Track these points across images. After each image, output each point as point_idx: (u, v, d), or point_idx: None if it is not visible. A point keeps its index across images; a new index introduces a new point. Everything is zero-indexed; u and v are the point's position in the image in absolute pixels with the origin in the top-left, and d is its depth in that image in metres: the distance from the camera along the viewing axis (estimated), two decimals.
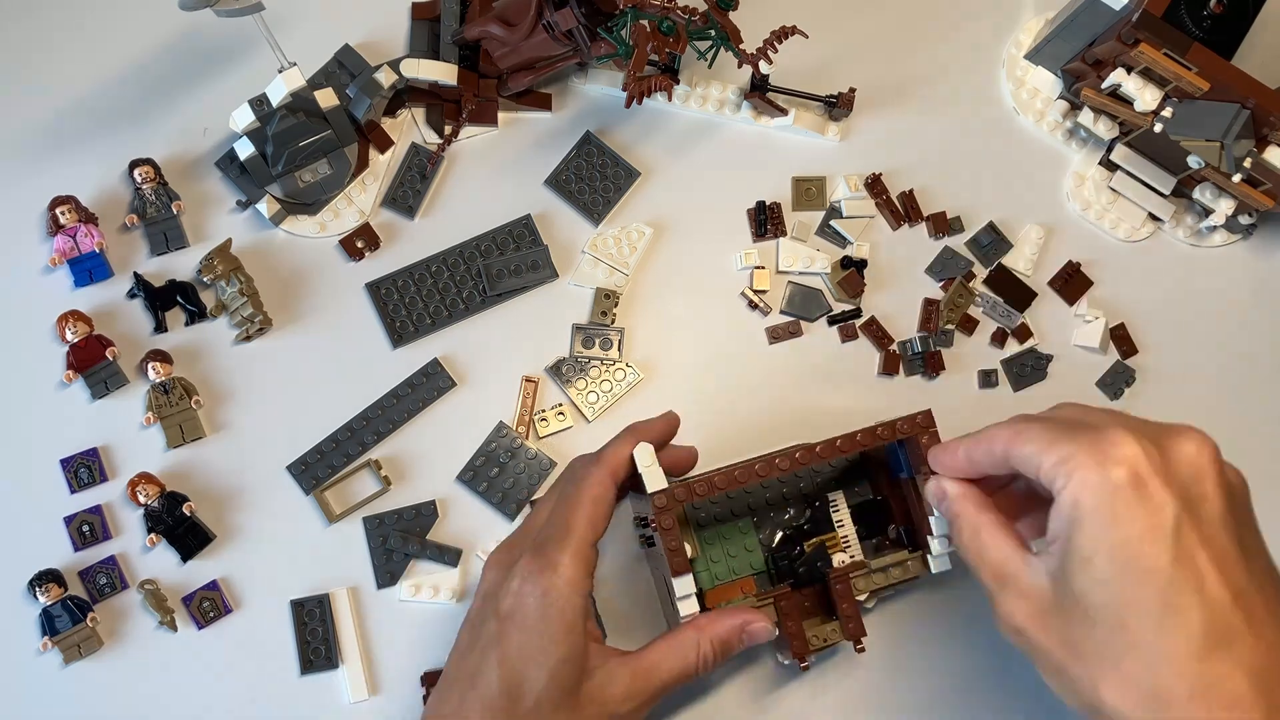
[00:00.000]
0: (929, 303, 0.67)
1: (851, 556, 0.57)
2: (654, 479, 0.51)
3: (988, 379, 0.67)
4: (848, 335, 0.66)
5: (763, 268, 0.66)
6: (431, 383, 0.63)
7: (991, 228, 0.68)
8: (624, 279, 0.65)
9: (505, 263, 0.64)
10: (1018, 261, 0.68)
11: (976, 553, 0.48)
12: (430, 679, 0.60)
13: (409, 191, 0.65)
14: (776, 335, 0.66)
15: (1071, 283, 0.68)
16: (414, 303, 0.64)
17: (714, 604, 0.56)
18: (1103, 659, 0.42)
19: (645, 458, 0.52)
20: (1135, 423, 0.44)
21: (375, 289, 0.64)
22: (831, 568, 0.56)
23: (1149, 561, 0.41)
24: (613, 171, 0.66)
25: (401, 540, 0.61)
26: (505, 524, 0.62)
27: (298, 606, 0.60)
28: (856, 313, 0.66)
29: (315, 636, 0.60)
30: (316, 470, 0.62)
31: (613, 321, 0.65)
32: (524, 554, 0.50)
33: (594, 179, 0.66)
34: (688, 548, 0.52)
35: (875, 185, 0.68)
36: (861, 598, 0.57)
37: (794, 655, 0.54)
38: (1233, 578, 0.41)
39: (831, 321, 0.66)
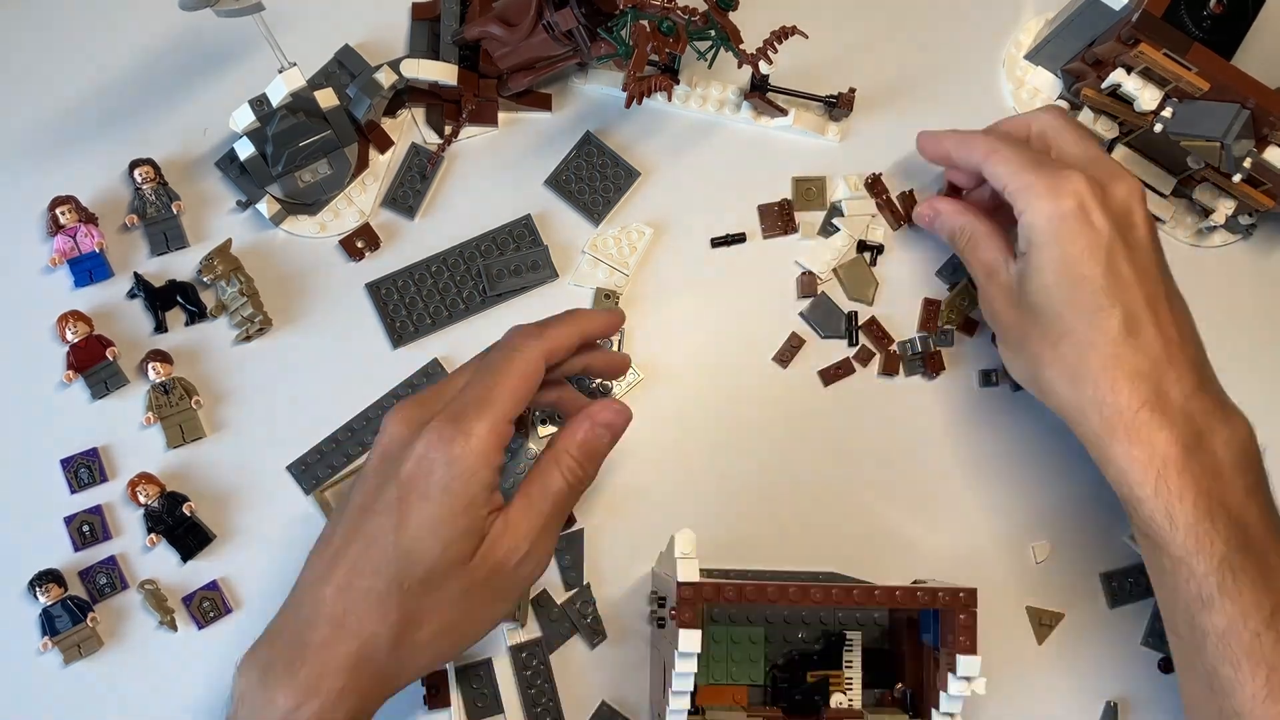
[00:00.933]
0: (929, 303, 0.67)
1: (850, 701, 0.56)
2: (688, 569, 0.50)
3: (988, 378, 0.67)
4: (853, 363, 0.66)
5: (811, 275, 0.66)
6: (431, 383, 0.63)
7: None
8: (624, 279, 0.65)
9: (505, 263, 0.64)
10: None
11: (973, 254, 0.60)
12: (427, 681, 0.60)
13: (409, 191, 0.65)
14: (783, 358, 0.66)
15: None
16: (414, 303, 0.64)
17: (704, 702, 0.56)
18: (1044, 342, 0.56)
19: (686, 545, 0.50)
20: (1086, 157, 0.57)
21: (375, 289, 0.64)
22: (828, 705, 0.55)
23: (1085, 271, 0.54)
24: (613, 171, 0.66)
25: None
26: None
27: None
28: (854, 337, 0.66)
29: None
30: (316, 470, 0.62)
31: None
32: (436, 417, 0.48)
33: (594, 179, 0.66)
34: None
35: (875, 185, 0.68)
36: None
37: None
38: (1147, 286, 0.55)
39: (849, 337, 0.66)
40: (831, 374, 0.66)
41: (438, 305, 0.64)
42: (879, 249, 0.67)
